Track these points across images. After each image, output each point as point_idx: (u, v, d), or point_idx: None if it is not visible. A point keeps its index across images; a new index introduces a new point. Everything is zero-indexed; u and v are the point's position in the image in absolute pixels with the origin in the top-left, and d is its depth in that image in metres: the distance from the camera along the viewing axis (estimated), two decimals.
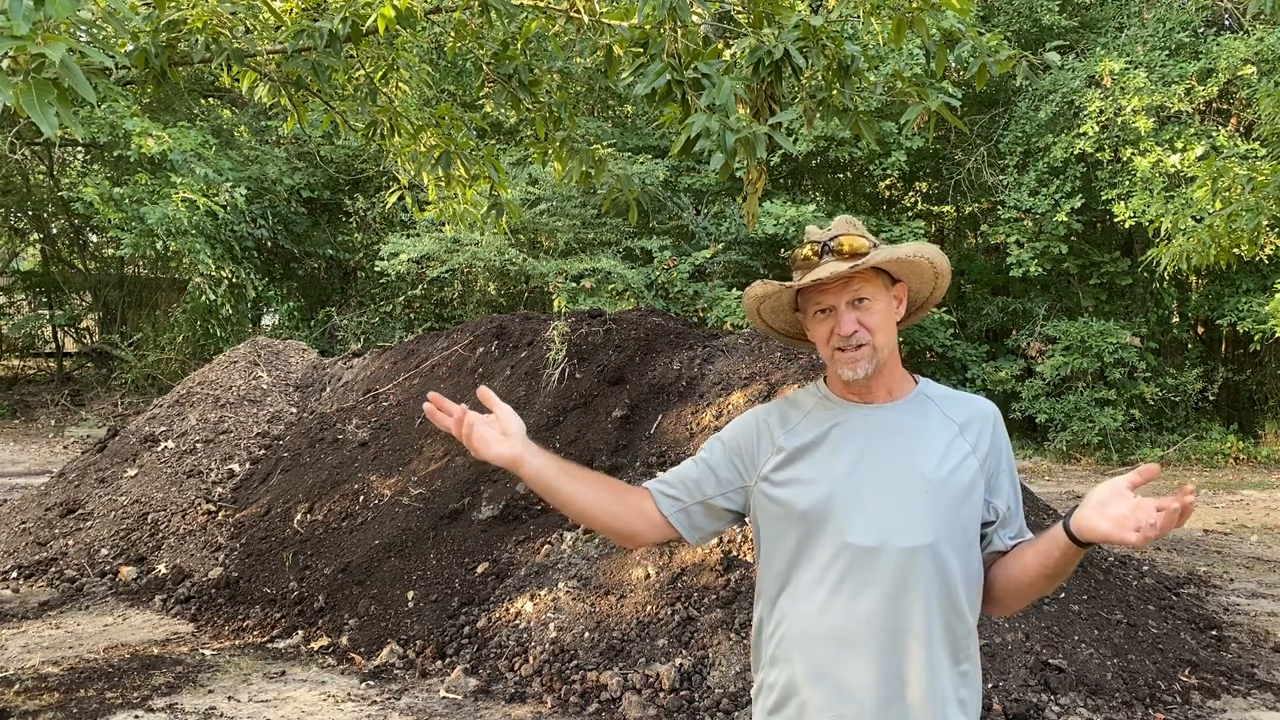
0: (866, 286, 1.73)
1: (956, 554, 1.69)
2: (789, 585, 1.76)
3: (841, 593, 1.69)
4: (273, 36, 4.77)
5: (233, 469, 7.30)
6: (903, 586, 1.66)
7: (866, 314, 1.72)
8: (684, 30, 4.19)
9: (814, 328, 1.77)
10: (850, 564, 1.69)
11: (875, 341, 1.72)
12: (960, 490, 1.71)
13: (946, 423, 1.76)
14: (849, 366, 1.73)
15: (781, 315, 1.88)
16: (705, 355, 6.33)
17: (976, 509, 1.73)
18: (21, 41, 2.57)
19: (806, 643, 1.72)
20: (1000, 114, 14.24)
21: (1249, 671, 4.89)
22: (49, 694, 4.43)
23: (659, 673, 4.32)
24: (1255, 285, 12.99)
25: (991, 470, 1.75)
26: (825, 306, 1.74)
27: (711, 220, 14.22)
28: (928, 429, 1.75)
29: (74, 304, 17.84)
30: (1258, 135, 11.34)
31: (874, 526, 1.68)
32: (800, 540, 1.74)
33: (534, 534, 5.45)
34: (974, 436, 1.75)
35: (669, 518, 1.82)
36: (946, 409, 1.78)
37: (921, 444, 1.73)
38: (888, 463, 1.72)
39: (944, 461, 1.71)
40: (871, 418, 1.77)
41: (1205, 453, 13.17)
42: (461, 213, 5.96)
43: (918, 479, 1.70)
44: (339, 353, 10.88)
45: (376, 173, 15.01)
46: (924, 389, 1.82)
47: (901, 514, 1.68)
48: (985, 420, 1.78)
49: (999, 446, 1.77)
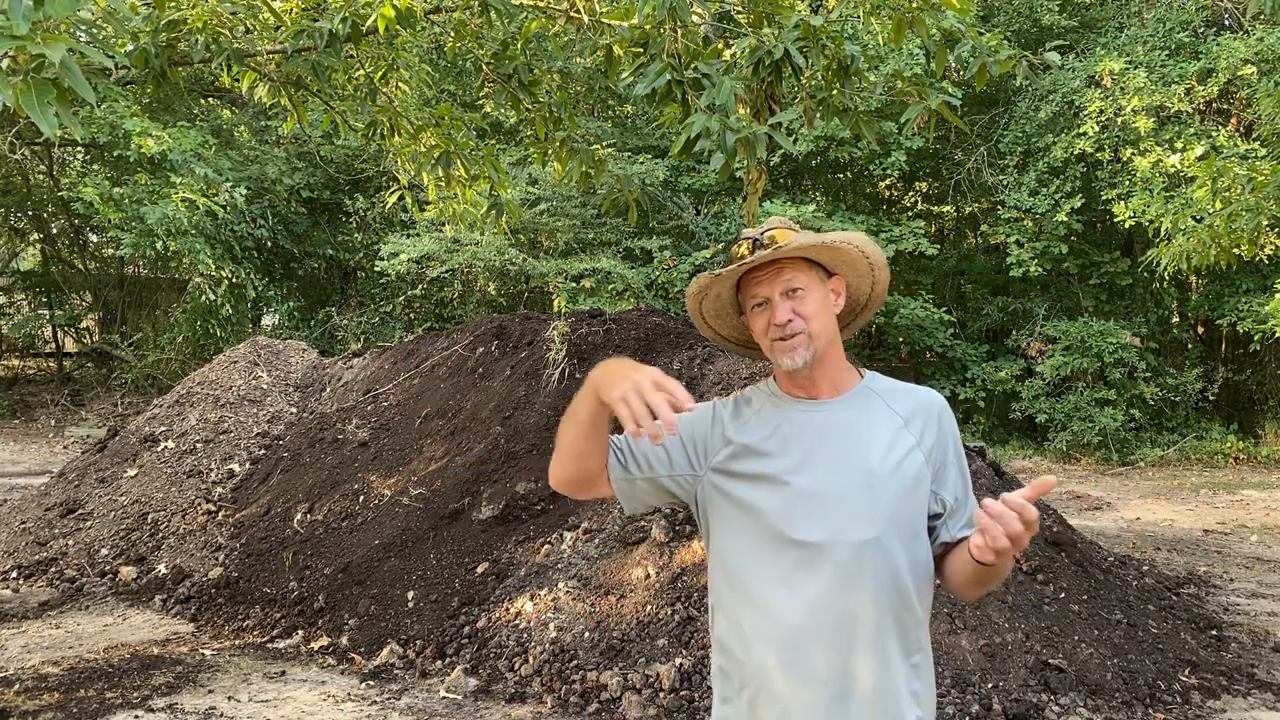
0: (799, 276, 1.76)
1: (903, 547, 1.72)
2: (739, 579, 1.78)
3: (791, 588, 1.71)
4: (273, 36, 4.77)
5: (233, 469, 7.30)
6: (850, 581, 1.69)
7: (800, 303, 1.75)
8: (684, 30, 4.19)
9: (753, 322, 1.80)
10: (798, 560, 1.71)
11: (810, 329, 1.74)
12: (906, 483, 1.73)
13: (891, 416, 1.78)
14: (787, 355, 1.75)
15: (727, 320, 1.90)
16: (705, 355, 6.33)
17: (922, 501, 1.75)
18: (21, 41, 2.57)
19: (757, 636, 1.74)
20: (1000, 114, 14.24)
21: (1249, 671, 4.90)
22: (49, 694, 4.43)
23: (659, 673, 4.32)
24: (1255, 285, 12.99)
25: (938, 462, 1.77)
26: (761, 299, 1.77)
27: (711, 220, 14.22)
28: (872, 423, 1.77)
29: (74, 304, 17.84)
30: (1258, 135, 11.34)
31: (820, 523, 1.70)
32: (749, 536, 1.77)
33: (534, 534, 5.45)
34: (919, 429, 1.77)
35: (612, 482, 1.83)
36: (891, 402, 1.80)
37: (866, 439, 1.75)
38: (834, 459, 1.74)
39: (889, 455, 1.73)
40: (818, 414, 1.79)
41: (1205, 453, 13.17)
42: (461, 213, 5.96)
43: (863, 474, 1.72)
44: (339, 353, 10.88)
45: (376, 173, 15.01)
46: (869, 382, 1.84)
47: (847, 509, 1.71)
48: (930, 412, 1.79)
49: (945, 437, 1.79)
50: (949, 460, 1.78)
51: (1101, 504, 9.92)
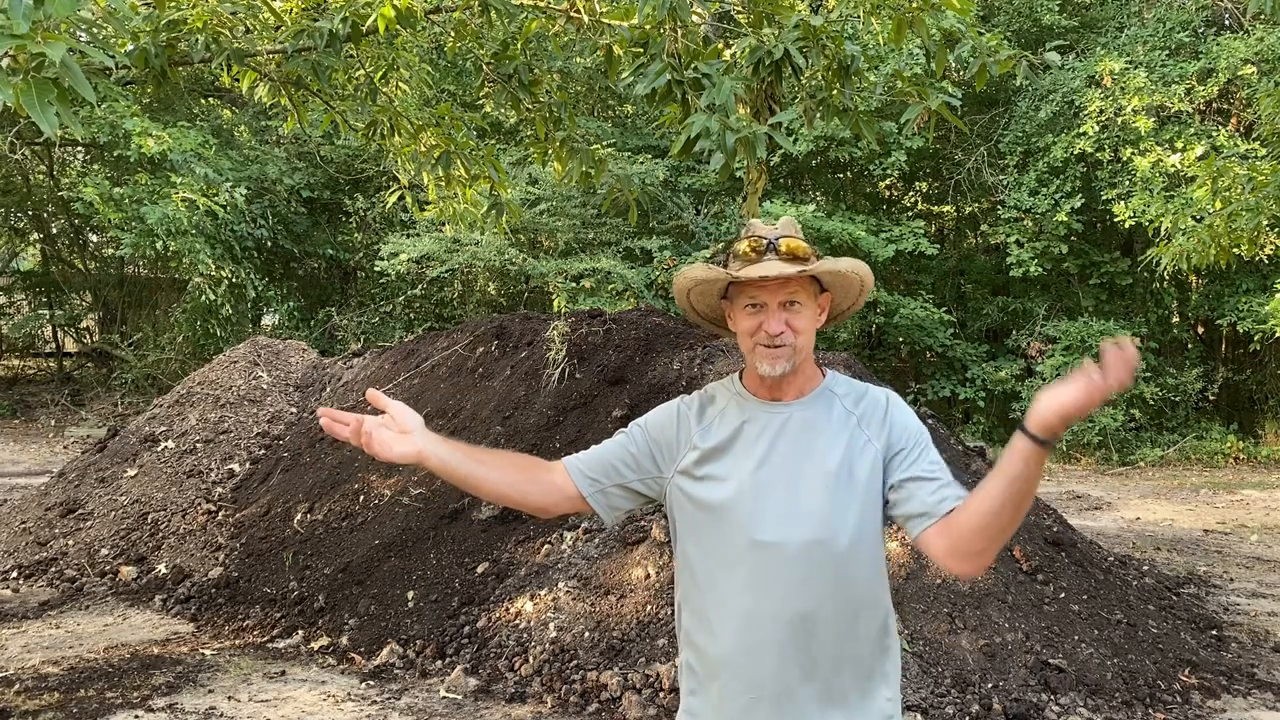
0: (801, 292, 1.80)
1: (861, 543, 1.76)
2: (704, 575, 1.83)
3: (751, 586, 1.76)
4: (273, 36, 4.77)
5: (233, 469, 7.30)
6: (807, 579, 1.74)
7: (795, 317, 1.79)
8: (684, 30, 4.19)
9: (741, 319, 1.82)
10: (757, 559, 1.76)
11: (797, 343, 1.79)
12: (861, 481, 1.77)
13: (847, 416, 1.83)
14: (769, 362, 1.78)
15: (707, 299, 1.92)
16: (705, 355, 6.33)
17: (877, 497, 1.79)
18: (21, 41, 2.57)
19: (724, 628, 1.79)
20: (1000, 114, 14.23)
21: (1249, 671, 4.90)
22: (49, 694, 4.43)
23: (659, 673, 4.32)
24: (1255, 285, 12.99)
25: (896, 449, 1.79)
26: (758, 302, 1.79)
27: (711, 220, 14.22)
28: (830, 424, 1.82)
29: (74, 304, 17.84)
30: (1258, 135, 11.33)
31: (777, 522, 1.76)
32: (712, 535, 1.82)
33: (534, 534, 5.45)
34: (874, 426, 1.81)
35: (587, 498, 1.91)
36: (848, 403, 1.85)
37: (824, 439, 1.80)
38: (792, 460, 1.79)
39: (846, 454, 1.78)
40: (779, 416, 1.83)
41: (1205, 453, 13.17)
42: (461, 213, 5.96)
43: (820, 474, 1.77)
44: (339, 353, 10.88)
45: (376, 173, 15.00)
46: (829, 383, 1.88)
47: (804, 509, 1.75)
48: (879, 407, 1.84)
49: (896, 427, 1.81)
50: (907, 445, 1.80)
51: (1101, 504, 9.92)
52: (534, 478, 1.92)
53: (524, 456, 2.00)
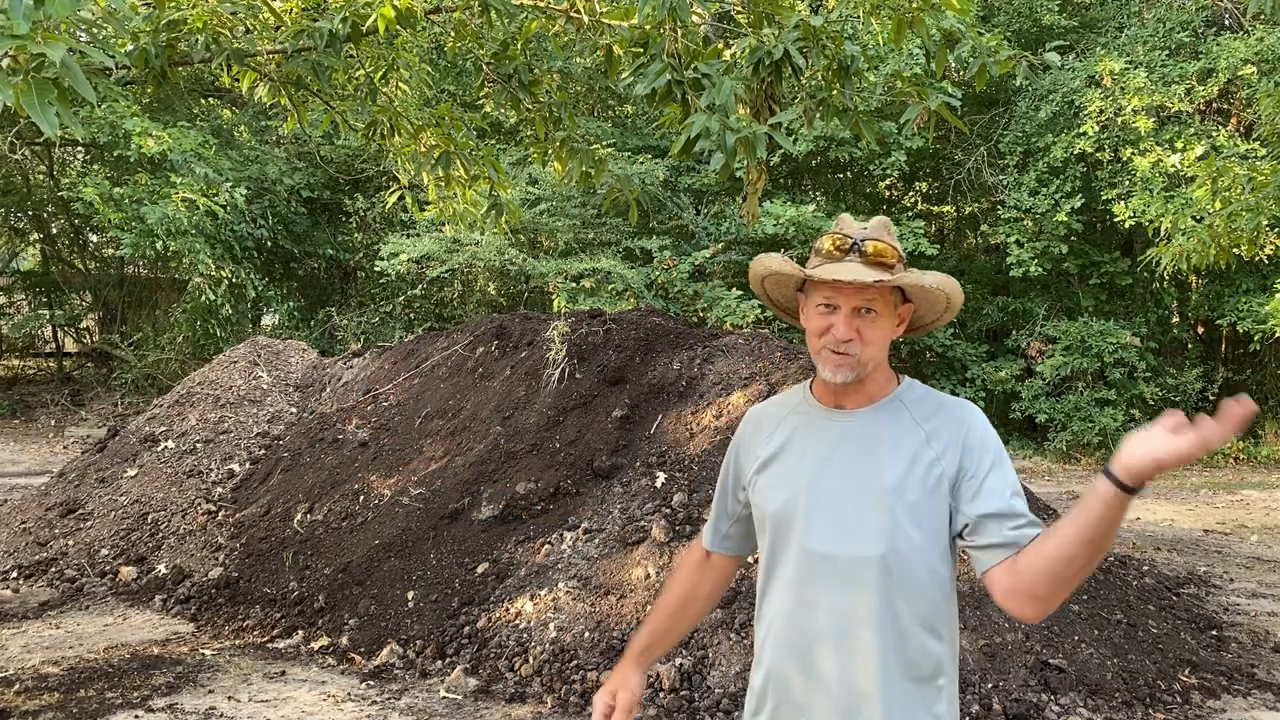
0: (879, 300, 1.70)
1: (915, 565, 1.66)
2: (767, 588, 1.81)
3: (803, 598, 1.72)
4: (273, 36, 4.77)
5: (233, 469, 7.29)
6: (854, 594, 1.66)
7: (868, 326, 1.69)
8: (684, 30, 4.19)
9: (812, 317, 1.74)
10: (809, 569, 1.71)
11: (865, 355, 1.70)
12: (922, 500, 1.66)
13: (915, 429, 1.72)
14: (833, 368, 1.71)
15: (782, 289, 1.85)
16: (705, 355, 6.33)
17: (942, 519, 1.67)
18: (22, 41, 2.57)
19: (774, 646, 1.76)
20: (1000, 114, 14.23)
21: (1249, 671, 4.90)
22: (49, 694, 4.42)
23: (659, 673, 4.32)
24: (1255, 285, 12.99)
25: (967, 474, 1.68)
26: (832, 304, 1.70)
27: (711, 220, 14.22)
28: (894, 435, 1.71)
29: (74, 304, 17.83)
30: (1258, 135, 11.33)
31: (829, 533, 1.69)
32: (772, 544, 1.79)
33: (534, 534, 5.45)
34: (942, 444, 1.69)
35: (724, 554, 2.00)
36: (918, 414, 1.74)
37: (885, 451, 1.70)
38: (850, 469, 1.71)
39: (908, 470, 1.67)
40: (841, 424, 1.75)
41: (1205, 453, 13.15)
42: (461, 213, 5.96)
43: (877, 487, 1.68)
44: (339, 353, 10.88)
45: (376, 173, 15.00)
46: (902, 393, 1.77)
47: (856, 522, 1.68)
48: (957, 425, 1.71)
49: (972, 450, 1.69)
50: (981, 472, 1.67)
51: None
52: (703, 580, 2.02)
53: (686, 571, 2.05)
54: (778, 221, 12.73)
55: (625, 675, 1.94)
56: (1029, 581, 1.57)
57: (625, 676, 1.93)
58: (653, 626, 1.99)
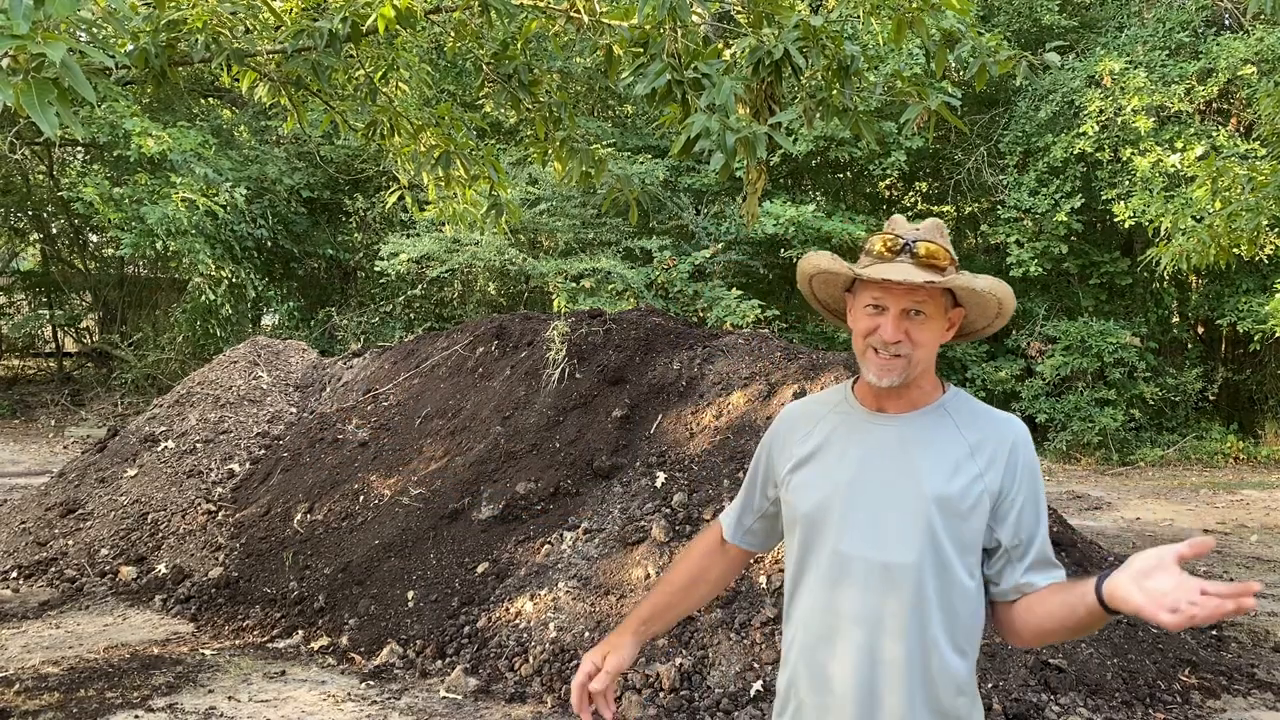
0: (929, 303, 1.66)
1: (945, 577, 1.64)
2: (796, 588, 1.78)
3: (832, 599, 1.70)
4: (273, 36, 4.77)
5: (233, 469, 7.29)
6: (884, 601, 1.65)
7: (917, 328, 1.66)
8: (684, 30, 4.19)
9: (860, 317, 1.70)
10: (841, 572, 1.68)
11: (914, 356, 1.66)
12: (957, 513, 1.63)
13: (958, 441, 1.68)
14: (878, 372, 1.67)
15: (830, 289, 1.81)
16: (705, 355, 6.33)
17: (976, 535, 1.65)
18: (21, 41, 2.57)
19: (802, 647, 1.74)
20: (1000, 114, 14.23)
21: (1249, 671, 4.90)
22: (49, 694, 4.42)
23: (659, 672, 4.32)
24: (1255, 285, 12.99)
25: (1007, 496, 1.65)
26: (881, 304, 1.66)
27: (711, 220, 14.22)
28: (935, 445, 1.68)
29: (74, 304, 17.83)
30: (1258, 135, 11.33)
31: (864, 537, 1.66)
32: (802, 544, 1.76)
33: (534, 534, 5.45)
34: (985, 459, 1.66)
35: (743, 547, 1.97)
36: (963, 426, 1.70)
37: (925, 460, 1.67)
38: (887, 475, 1.68)
39: (947, 481, 1.64)
40: (881, 428, 1.72)
41: (1205, 453, 13.17)
42: (461, 213, 5.95)
43: (913, 496, 1.65)
44: (339, 353, 10.87)
45: (376, 173, 15.00)
46: (947, 401, 1.73)
47: (889, 529, 1.65)
48: (1002, 443, 1.67)
49: (1014, 472, 1.66)
50: (1016, 498, 1.65)
51: (1101, 504, 9.92)
52: (713, 565, 1.99)
53: (698, 553, 2.01)
54: (778, 221, 12.73)
55: (620, 641, 1.90)
56: (1018, 628, 1.68)
57: (620, 642, 1.89)
58: (655, 601, 1.96)
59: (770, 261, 13.83)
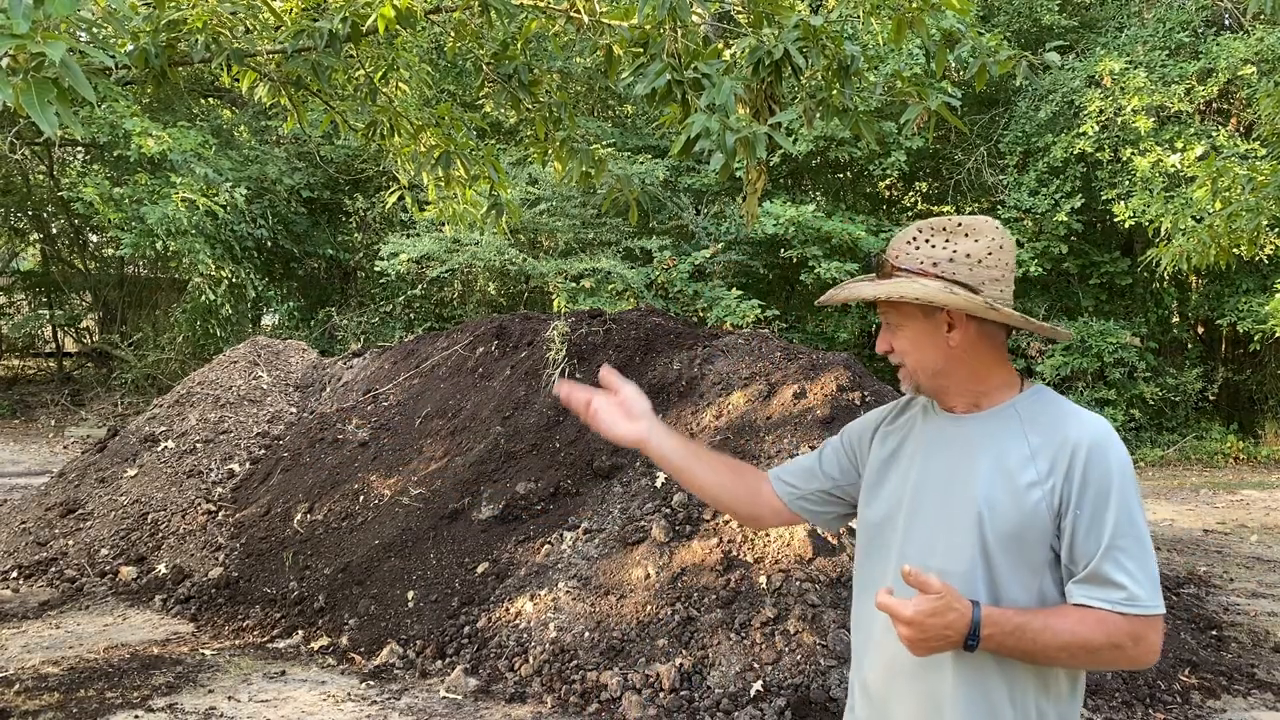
0: (892, 312, 1.65)
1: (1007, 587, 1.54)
2: (862, 592, 1.76)
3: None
4: (273, 36, 4.77)
5: (233, 469, 7.29)
6: None
7: (896, 338, 1.68)
8: (684, 30, 4.19)
9: None
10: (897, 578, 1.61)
11: (907, 363, 1.67)
12: (1012, 522, 1.54)
13: (1021, 443, 1.57)
14: (900, 378, 1.72)
15: None
16: (705, 355, 6.33)
17: (1036, 543, 1.54)
18: (21, 40, 2.57)
19: (863, 650, 1.73)
20: (1000, 114, 14.24)
21: (1249, 671, 4.90)
22: (49, 694, 4.42)
23: (659, 673, 4.32)
24: (1255, 285, 12.99)
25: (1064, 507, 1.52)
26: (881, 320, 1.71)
27: (711, 220, 14.22)
28: (997, 447, 1.59)
29: (74, 304, 17.84)
30: (1258, 135, 11.33)
31: (923, 546, 1.62)
32: (868, 547, 1.74)
33: (534, 534, 5.45)
34: (1047, 464, 1.54)
35: (788, 504, 1.87)
36: (1029, 429, 1.59)
37: (984, 463, 1.58)
38: (948, 479, 1.62)
39: (999, 486, 1.55)
40: (950, 429, 1.66)
41: (1205, 453, 13.17)
42: (461, 213, 5.96)
43: (967, 500, 1.57)
44: (339, 353, 10.88)
45: (376, 173, 15.01)
46: (1018, 401, 1.63)
47: (942, 535, 1.60)
48: (1063, 447, 1.54)
49: (1073, 482, 1.52)
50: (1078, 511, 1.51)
51: None
52: (746, 484, 1.89)
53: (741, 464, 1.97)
54: (777, 221, 12.73)
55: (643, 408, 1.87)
56: None
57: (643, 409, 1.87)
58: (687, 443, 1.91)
59: (770, 261, 13.83)
